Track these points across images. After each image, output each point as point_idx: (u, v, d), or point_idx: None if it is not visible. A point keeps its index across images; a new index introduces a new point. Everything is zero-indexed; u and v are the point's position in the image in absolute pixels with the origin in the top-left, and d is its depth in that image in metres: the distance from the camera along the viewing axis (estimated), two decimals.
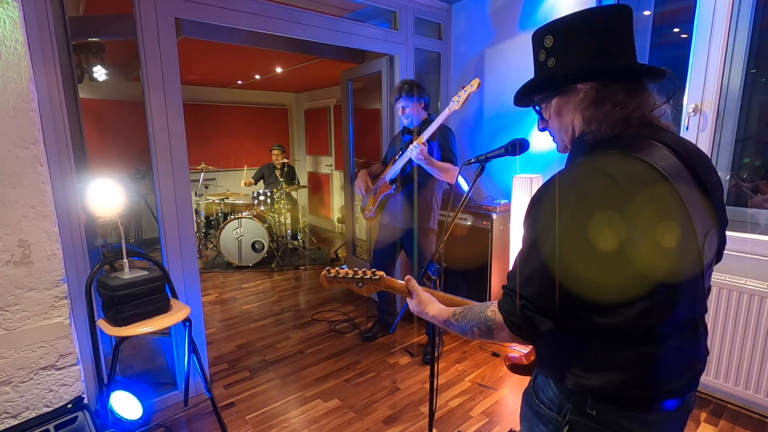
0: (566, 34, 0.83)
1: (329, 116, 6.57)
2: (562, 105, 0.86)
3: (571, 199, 0.72)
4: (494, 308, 0.83)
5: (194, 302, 2.33)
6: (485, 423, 2.18)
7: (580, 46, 0.82)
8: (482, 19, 3.17)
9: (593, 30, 0.81)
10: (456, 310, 0.98)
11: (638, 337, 0.75)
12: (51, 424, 1.63)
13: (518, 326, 0.78)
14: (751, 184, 2.30)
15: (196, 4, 2.17)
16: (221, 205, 5.17)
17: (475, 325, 0.88)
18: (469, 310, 0.93)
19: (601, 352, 0.78)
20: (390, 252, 2.89)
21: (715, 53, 2.13)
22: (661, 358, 0.76)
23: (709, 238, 0.79)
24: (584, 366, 0.79)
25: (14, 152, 1.52)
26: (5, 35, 1.47)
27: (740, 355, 2.09)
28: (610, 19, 0.81)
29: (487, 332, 0.85)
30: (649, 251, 0.70)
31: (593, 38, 0.81)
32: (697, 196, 0.78)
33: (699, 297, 0.81)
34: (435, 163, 2.41)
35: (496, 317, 0.82)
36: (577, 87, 0.82)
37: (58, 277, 1.65)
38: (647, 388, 0.77)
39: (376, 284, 1.13)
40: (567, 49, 0.83)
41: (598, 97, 0.80)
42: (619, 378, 0.77)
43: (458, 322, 0.94)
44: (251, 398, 2.41)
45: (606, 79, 0.80)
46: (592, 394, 0.79)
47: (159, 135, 2.12)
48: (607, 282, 0.72)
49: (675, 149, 0.79)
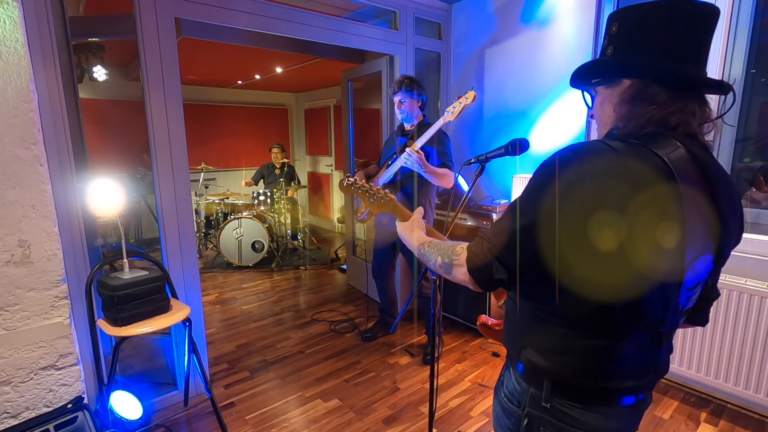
0: (632, 24, 0.78)
1: (329, 116, 6.57)
2: (606, 96, 0.83)
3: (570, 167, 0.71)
4: (464, 246, 0.87)
5: (194, 302, 2.33)
6: (485, 423, 2.18)
7: (642, 40, 0.77)
8: (482, 19, 3.16)
9: (660, 25, 0.75)
10: (433, 239, 1.01)
11: (595, 330, 0.76)
12: (51, 424, 1.63)
13: (477, 267, 0.80)
14: (751, 175, 2.29)
15: (196, 4, 2.17)
16: (221, 205, 5.17)
17: (440, 254, 0.91)
18: (443, 242, 0.96)
19: (557, 336, 0.79)
20: (389, 253, 2.89)
21: (715, 53, 2.13)
22: (615, 356, 0.77)
23: (698, 262, 0.75)
24: (539, 347, 0.82)
25: (14, 152, 1.52)
26: (5, 35, 1.47)
27: (740, 355, 2.09)
28: (687, 15, 0.74)
29: (447, 265, 0.88)
30: (631, 241, 0.68)
31: (657, 35, 0.75)
32: (704, 214, 0.74)
33: (670, 308, 0.76)
34: (432, 170, 2.40)
35: (462, 254, 0.84)
36: (622, 81, 0.79)
37: (58, 277, 1.65)
38: (599, 380, 0.78)
39: (386, 204, 1.18)
40: (627, 40, 0.78)
41: (638, 94, 0.76)
42: (569, 364, 0.79)
43: (428, 249, 0.97)
44: (251, 398, 2.41)
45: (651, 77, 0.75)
46: (548, 378, 0.80)
47: (159, 135, 2.12)
48: (578, 260, 0.71)
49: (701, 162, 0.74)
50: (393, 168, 2.55)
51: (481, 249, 0.80)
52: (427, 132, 2.32)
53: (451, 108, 2.17)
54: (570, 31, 2.67)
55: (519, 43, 2.94)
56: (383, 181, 2.62)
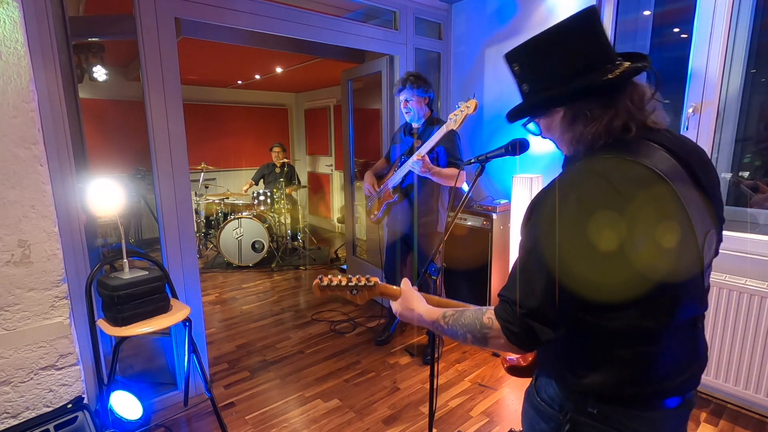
0: (530, 59, 0.82)
1: (329, 116, 6.57)
2: (549, 123, 0.85)
3: (568, 203, 0.72)
4: (491, 315, 0.80)
5: (194, 302, 2.33)
6: (485, 423, 2.18)
7: (546, 72, 0.80)
8: (482, 19, 3.16)
9: (556, 51, 0.79)
10: (447, 311, 0.92)
11: (637, 337, 0.75)
12: (51, 424, 1.63)
13: (517, 335, 0.76)
14: (752, 182, 2.29)
15: (196, 4, 2.17)
16: (221, 205, 5.17)
17: (469, 331, 0.84)
18: (461, 314, 0.88)
19: (599, 351, 0.78)
20: (401, 251, 2.86)
21: (715, 53, 2.13)
22: (659, 357, 0.77)
23: (709, 237, 0.79)
24: (584, 365, 0.80)
25: (14, 152, 1.52)
26: (5, 35, 1.47)
27: (740, 355, 2.09)
28: (570, 33, 0.78)
29: (481, 340, 0.82)
30: (649, 252, 0.70)
31: (556, 60, 0.79)
32: (695, 196, 0.77)
33: (699, 296, 0.81)
34: (439, 172, 2.38)
35: (493, 325, 0.79)
36: (553, 110, 0.82)
37: (58, 277, 1.65)
38: (645, 386, 0.77)
39: (370, 291, 1.06)
40: (534, 76, 0.82)
41: (573, 117, 0.79)
42: (616, 376, 0.77)
43: (449, 325, 0.90)
44: (251, 398, 2.41)
45: (574, 101, 0.78)
46: (593, 393, 0.79)
47: (159, 135, 2.12)
48: (609, 283, 0.72)
49: (671, 149, 0.78)
50: (401, 172, 2.53)
51: (515, 316, 0.76)
52: (431, 140, 2.28)
53: (453, 116, 2.14)
54: None
55: (519, 42, 2.93)
56: (392, 184, 2.62)
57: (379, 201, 2.74)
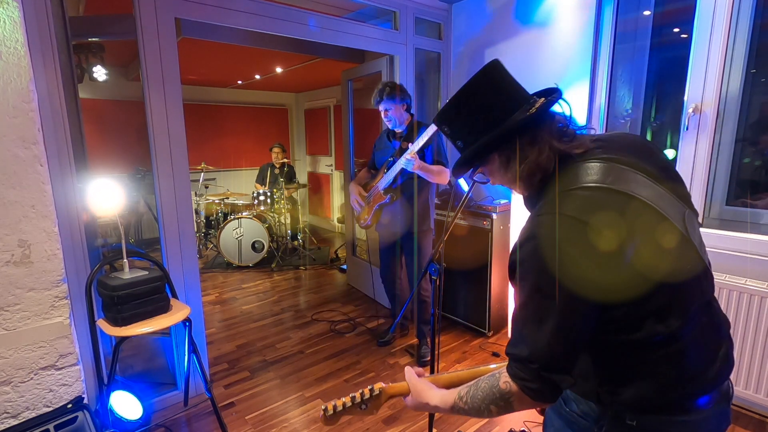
0: (455, 119, 0.87)
1: (329, 116, 6.57)
2: (491, 170, 0.90)
3: (548, 252, 0.72)
4: (506, 379, 0.78)
5: (194, 302, 2.33)
6: (485, 423, 2.18)
7: (471, 124, 0.85)
8: (482, 19, 3.16)
9: (473, 106, 0.84)
10: (461, 390, 0.87)
11: (661, 343, 0.75)
12: (51, 424, 1.63)
13: (539, 391, 0.74)
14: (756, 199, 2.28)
15: (196, 4, 2.17)
16: (221, 205, 5.17)
17: (492, 402, 0.80)
18: (476, 387, 0.84)
19: (629, 366, 0.78)
20: (395, 253, 2.86)
21: (715, 53, 2.13)
22: (688, 352, 0.77)
23: (687, 218, 0.80)
24: (617, 383, 0.79)
25: (14, 152, 1.52)
26: (5, 35, 1.47)
27: (740, 355, 2.09)
28: (480, 89, 0.84)
29: (506, 407, 0.79)
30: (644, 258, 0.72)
31: (477, 114, 0.84)
32: (658, 190, 0.78)
33: (705, 281, 0.81)
34: (428, 168, 2.44)
35: (511, 389, 0.77)
36: (490, 157, 0.86)
37: (58, 277, 1.65)
38: (682, 387, 0.77)
39: (378, 398, 1.00)
40: (463, 132, 0.87)
41: (506, 159, 0.84)
42: (652, 385, 0.77)
43: (468, 405, 0.85)
44: (251, 398, 2.41)
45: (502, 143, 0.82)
46: (631, 407, 0.78)
47: (159, 135, 2.12)
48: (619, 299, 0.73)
49: (612, 157, 0.79)
50: (392, 172, 2.54)
51: (531, 374, 0.74)
52: (422, 136, 2.32)
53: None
54: (570, 31, 2.67)
55: (519, 43, 2.94)
56: (383, 186, 2.62)
57: (369, 206, 2.74)
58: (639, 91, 2.70)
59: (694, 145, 2.25)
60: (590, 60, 2.60)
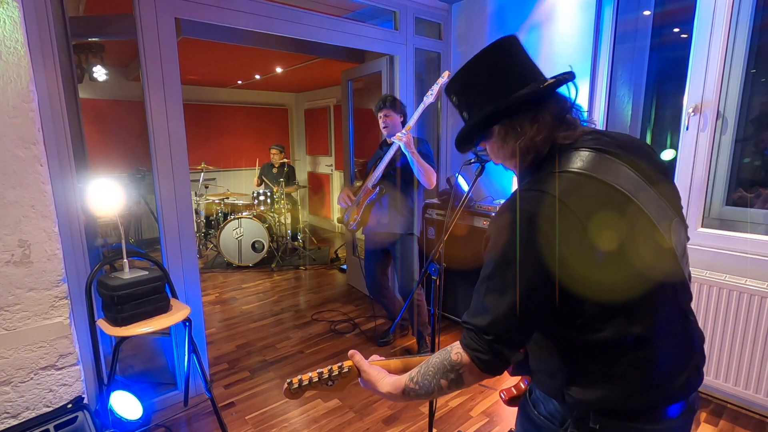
0: (463, 89, 0.87)
1: (329, 116, 6.57)
2: (491, 146, 0.89)
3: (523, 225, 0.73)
4: (458, 350, 0.78)
5: (194, 302, 2.33)
6: (485, 423, 2.18)
7: (478, 95, 0.85)
8: (482, 19, 3.16)
9: (481, 77, 0.84)
10: (411, 372, 0.86)
11: (630, 345, 0.75)
12: (51, 424, 1.63)
13: (488, 362, 0.75)
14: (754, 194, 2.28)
15: (196, 4, 2.17)
16: (221, 205, 5.17)
17: (442, 376, 0.80)
18: (427, 365, 0.83)
19: (595, 366, 0.78)
20: (379, 259, 2.84)
21: (715, 53, 2.13)
22: (656, 360, 0.76)
23: (674, 226, 0.80)
24: (581, 382, 0.79)
25: (14, 152, 1.52)
26: (5, 35, 1.47)
27: (740, 355, 2.09)
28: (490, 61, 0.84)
29: (456, 380, 0.79)
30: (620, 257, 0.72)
31: (484, 85, 0.84)
32: (649, 193, 0.78)
33: (680, 290, 0.80)
34: (418, 158, 2.44)
35: (462, 360, 0.78)
36: (492, 130, 0.86)
37: (58, 277, 1.65)
38: (648, 393, 0.76)
39: (346, 377, 0.96)
40: (471, 102, 0.87)
41: (505, 133, 0.83)
42: (617, 389, 0.77)
43: (419, 383, 0.83)
44: (251, 398, 2.41)
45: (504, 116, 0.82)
46: (594, 408, 0.78)
47: (159, 135, 2.12)
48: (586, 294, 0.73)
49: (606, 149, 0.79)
50: (382, 164, 2.57)
51: (484, 344, 0.75)
52: (416, 113, 2.39)
53: (429, 92, 2.30)
54: (570, 31, 2.67)
55: None
56: (372, 183, 2.64)
57: (358, 206, 2.74)
58: (639, 91, 2.70)
59: (694, 145, 2.25)
60: (590, 60, 2.60)
